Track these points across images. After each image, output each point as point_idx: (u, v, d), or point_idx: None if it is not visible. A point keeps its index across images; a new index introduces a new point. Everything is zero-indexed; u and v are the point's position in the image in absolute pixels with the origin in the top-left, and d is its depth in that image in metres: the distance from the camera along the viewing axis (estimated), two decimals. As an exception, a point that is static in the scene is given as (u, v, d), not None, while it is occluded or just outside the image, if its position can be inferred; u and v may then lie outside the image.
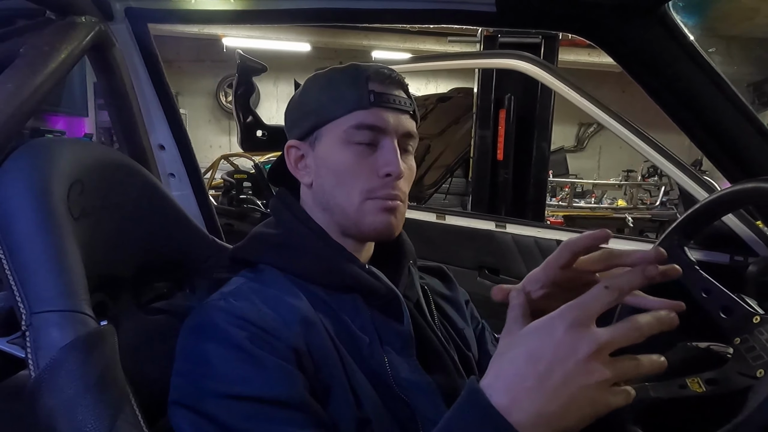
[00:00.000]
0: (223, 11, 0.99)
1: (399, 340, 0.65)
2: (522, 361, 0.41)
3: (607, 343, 0.40)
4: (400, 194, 0.67)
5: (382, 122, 0.65)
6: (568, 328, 0.40)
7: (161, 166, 1.12)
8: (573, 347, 0.40)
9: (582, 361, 0.40)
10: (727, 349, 0.83)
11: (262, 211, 3.38)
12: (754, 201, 0.98)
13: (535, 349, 0.41)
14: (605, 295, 0.41)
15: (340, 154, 0.66)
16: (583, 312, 0.41)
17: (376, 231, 0.67)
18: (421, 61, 2.50)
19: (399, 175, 0.65)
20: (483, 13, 0.90)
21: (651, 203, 6.17)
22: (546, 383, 0.40)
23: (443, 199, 4.54)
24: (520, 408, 0.40)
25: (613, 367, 0.40)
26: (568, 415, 0.40)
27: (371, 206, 0.66)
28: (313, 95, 0.69)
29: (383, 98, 0.66)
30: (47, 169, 0.58)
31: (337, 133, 0.66)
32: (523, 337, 0.43)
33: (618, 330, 0.40)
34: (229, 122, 8.19)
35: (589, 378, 0.40)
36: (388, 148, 0.65)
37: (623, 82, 6.54)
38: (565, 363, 0.40)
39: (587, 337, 0.40)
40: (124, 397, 0.50)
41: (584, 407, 0.40)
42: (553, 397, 0.40)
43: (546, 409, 0.40)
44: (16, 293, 0.52)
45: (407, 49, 6.88)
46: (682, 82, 0.93)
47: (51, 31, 0.79)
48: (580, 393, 0.40)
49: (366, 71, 0.67)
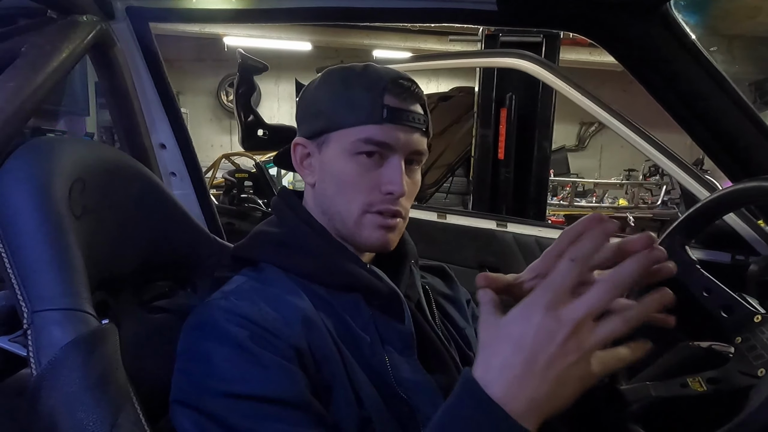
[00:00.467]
0: (224, 10, 0.99)
1: (400, 339, 0.65)
2: (508, 351, 0.42)
3: (585, 316, 0.41)
4: (402, 210, 0.67)
5: (393, 140, 0.64)
6: (545, 311, 0.41)
7: (162, 165, 1.12)
8: (552, 330, 0.41)
9: (562, 342, 0.41)
10: (728, 349, 0.83)
11: (263, 210, 3.38)
12: (755, 200, 0.97)
13: (518, 337, 0.42)
14: (571, 268, 0.41)
15: (345, 164, 0.65)
16: (554, 292, 0.41)
17: (371, 246, 0.68)
18: (422, 60, 2.50)
19: (401, 194, 0.65)
20: (484, 12, 0.90)
21: (652, 202, 6.16)
22: (533, 369, 0.41)
23: (444, 198, 4.54)
24: (514, 397, 0.41)
25: (595, 335, 0.41)
26: (559, 394, 0.41)
27: (370, 220, 0.66)
28: (326, 95, 0.67)
29: (397, 114, 0.64)
30: (49, 167, 0.58)
31: (345, 143, 0.65)
32: (504, 326, 0.43)
33: (593, 295, 0.41)
34: (231, 121, 8.19)
35: (572, 356, 0.41)
36: (393, 167, 0.65)
37: (624, 81, 6.55)
38: (547, 347, 0.41)
39: (564, 315, 0.41)
40: (126, 396, 0.50)
41: (573, 383, 0.42)
42: (542, 381, 0.41)
43: (537, 394, 0.41)
44: (18, 292, 0.52)
45: (408, 48, 6.87)
46: (684, 80, 0.93)
47: (52, 30, 0.79)
48: (566, 372, 0.41)
49: (384, 80, 0.64)
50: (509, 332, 0.43)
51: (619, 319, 0.41)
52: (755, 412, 0.65)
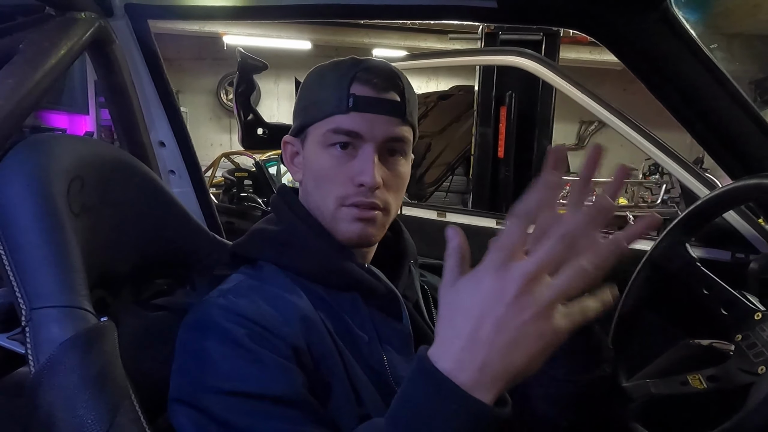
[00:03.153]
0: (222, 7, 0.99)
1: (398, 338, 0.65)
2: (459, 321, 0.41)
3: (535, 270, 0.39)
4: (378, 203, 0.65)
5: (361, 128, 0.63)
6: (494, 272, 0.39)
7: (161, 163, 1.11)
8: (499, 290, 0.39)
9: (512, 301, 0.38)
10: (728, 346, 0.83)
11: (262, 209, 3.37)
12: (755, 197, 0.97)
13: (468, 305, 0.40)
14: (515, 224, 0.40)
15: (320, 157, 0.65)
16: (501, 251, 0.40)
17: (349, 240, 0.66)
18: (422, 58, 2.49)
19: (373, 185, 0.63)
20: (483, 9, 0.89)
21: (652, 201, 6.16)
22: (481, 336, 0.39)
23: (444, 197, 4.53)
24: (464, 368, 0.40)
25: (552, 289, 0.39)
26: (515, 358, 0.39)
27: (345, 213, 0.65)
28: (305, 92, 0.69)
29: (364, 102, 0.63)
30: (47, 164, 0.58)
31: (317, 135, 0.65)
32: (456, 294, 0.41)
33: (541, 248, 0.39)
34: (230, 120, 8.18)
35: (524, 314, 0.38)
36: (363, 157, 0.63)
37: (625, 80, 6.55)
38: (495, 309, 0.39)
39: (511, 273, 0.39)
40: (124, 393, 0.50)
41: (530, 345, 0.39)
42: (491, 348, 0.39)
43: (489, 361, 0.39)
44: (16, 289, 0.51)
45: (408, 47, 6.86)
46: (684, 78, 0.93)
47: (51, 27, 0.79)
48: (521, 332, 0.39)
49: (353, 70, 0.64)
50: (460, 301, 0.41)
51: (577, 266, 0.38)
52: (755, 410, 0.65)
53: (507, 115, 2.90)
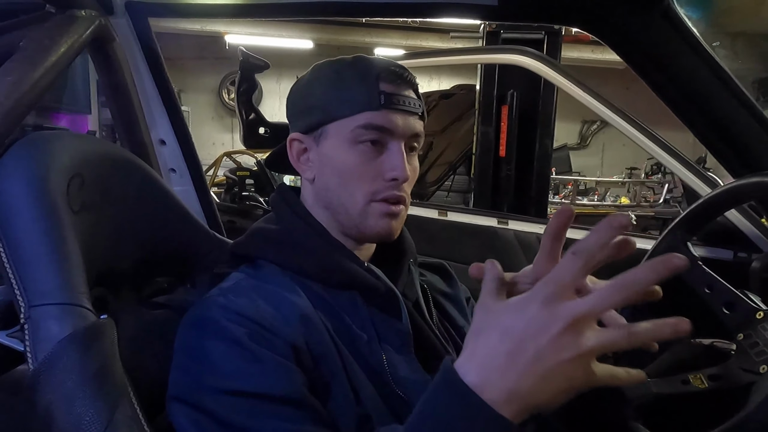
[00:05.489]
0: (223, 5, 0.99)
1: (397, 338, 0.65)
2: (495, 339, 0.40)
3: (586, 313, 0.38)
4: (405, 196, 0.67)
5: (392, 125, 0.64)
6: (542, 303, 0.39)
7: (162, 161, 1.11)
8: (546, 322, 0.39)
9: (556, 336, 0.38)
10: (730, 345, 0.82)
11: (264, 208, 3.37)
12: (757, 196, 0.97)
13: (508, 326, 0.40)
14: (574, 261, 0.39)
15: (347, 154, 0.65)
16: (555, 286, 0.39)
17: (377, 234, 0.67)
18: (424, 56, 2.49)
19: (405, 179, 0.65)
20: (484, 7, 0.89)
21: (654, 201, 6.15)
22: (517, 360, 0.39)
23: (446, 196, 4.53)
24: (493, 386, 0.40)
25: (597, 338, 0.39)
26: (543, 390, 0.39)
27: (375, 209, 0.66)
28: (319, 89, 0.68)
29: (393, 100, 0.64)
30: (46, 162, 0.58)
31: (344, 133, 0.65)
32: (497, 314, 0.42)
33: (598, 295, 0.38)
34: (232, 119, 8.19)
35: (564, 353, 0.38)
36: (395, 152, 0.65)
37: (627, 79, 6.53)
38: (537, 339, 0.39)
39: (561, 310, 0.39)
40: (123, 391, 0.50)
41: (560, 382, 0.39)
42: (525, 374, 0.39)
43: (519, 386, 0.39)
44: (15, 286, 0.52)
45: (409, 46, 6.86)
46: (686, 76, 0.93)
47: (51, 25, 0.79)
48: (555, 368, 0.39)
49: (375, 68, 0.65)
50: (500, 320, 0.41)
51: (625, 330, 0.38)
52: (756, 409, 0.65)
53: (509, 114, 2.89)
